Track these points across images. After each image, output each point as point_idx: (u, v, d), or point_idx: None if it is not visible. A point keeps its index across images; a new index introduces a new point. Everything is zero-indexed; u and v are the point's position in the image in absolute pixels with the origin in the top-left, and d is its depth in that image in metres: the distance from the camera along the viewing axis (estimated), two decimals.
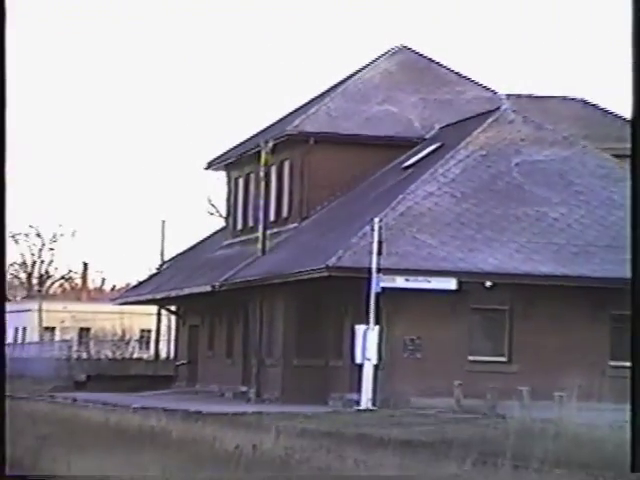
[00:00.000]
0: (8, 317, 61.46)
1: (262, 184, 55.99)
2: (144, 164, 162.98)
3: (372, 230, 44.65)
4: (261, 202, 56.13)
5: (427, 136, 52.42)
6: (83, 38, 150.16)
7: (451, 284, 45.05)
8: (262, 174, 55.77)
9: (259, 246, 54.77)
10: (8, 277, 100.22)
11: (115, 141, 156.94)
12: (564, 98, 56.77)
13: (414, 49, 57.92)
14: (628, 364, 43.97)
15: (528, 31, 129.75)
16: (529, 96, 54.64)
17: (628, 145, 48.66)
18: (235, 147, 61.61)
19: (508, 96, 53.26)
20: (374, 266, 43.93)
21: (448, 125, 52.32)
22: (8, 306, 75.27)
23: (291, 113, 58.26)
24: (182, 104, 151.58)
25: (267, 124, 60.02)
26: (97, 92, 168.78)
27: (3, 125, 7.06)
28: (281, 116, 59.55)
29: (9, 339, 75.09)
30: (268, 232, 54.93)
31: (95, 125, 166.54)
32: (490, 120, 50.48)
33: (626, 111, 49.09)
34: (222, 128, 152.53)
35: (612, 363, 45.10)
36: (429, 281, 45.19)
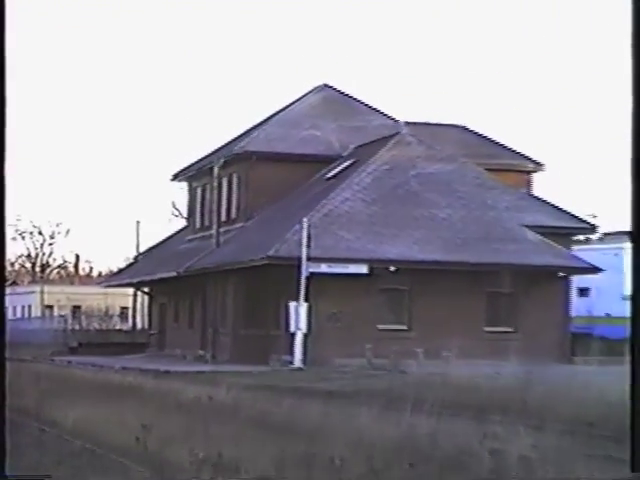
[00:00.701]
0: (17, 298, 63.64)
1: (215, 192, 56.35)
2: (122, 173, 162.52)
3: (302, 228, 44.80)
4: (215, 206, 56.32)
5: (344, 154, 52.45)
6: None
7: (363, 269, 45.31)
8: (215, 184, 56.13)
9: (213, 241, 54.96)
10: (16, 267, 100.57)
11: (100, 150, 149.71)
12: (448, 125, 57.30)
13: (334, 87, 57.86)
14: (499, 329, 46.03)
15: (423, 71, 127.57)
16: (422, 123, 54.61)
17: (497, 161, 50.96)
18: (194, 163, 61.43)
19: (406, 123, 53.23)
20: (304, 256, 44.31)
21: (360, 146, 52.16)
22: (17, 289, 76.24)
23: (237, 137, 57.90)
24: (150, 129, 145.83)
25: (219, 145, 59.58)
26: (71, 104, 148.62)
27: (3, 125, 5.97)
28: (229, 139, 59.04)
29: (18, 315, 75.18)
30: (221, 230, 55.00)
31: (85, 129, 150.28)
32: (392, 142, 50.68)
33: (496, 135, 51.19)
34: (183, 146, 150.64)
35: (486, 329, 46.16)
36: (347, 267, 45.38)
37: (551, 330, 46.58)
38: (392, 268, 45.66)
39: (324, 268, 44.99)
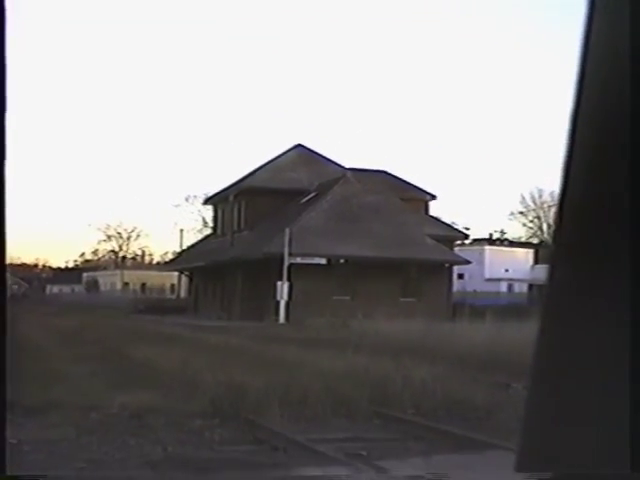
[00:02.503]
0: (107, 278, 62.73)
1: (230, 212, 55.59)
2: (168, 196, 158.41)
3: (285, 235, 44.29)
4: (229, 221, 55.60)
5: (311, 189, 51.30)
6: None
7: (323, 261, 44.79)
8: (230, 207, 55.52)
9: (228, 243, 54.01)
10: (106, 257, 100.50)
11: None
12: (376, 170, 54.68)
13: (305, 145, 56.35)
14: (409, 299, 45.56)
15: (360, 131, 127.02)
16: (359, 169, 52.49)
17: (407, 194, 50.38)
18: (217, 193, 60.11)
19: (349, 169, 52.20)
20: (286, 252, 43.95)
21: (321, 183, 50.80)
22: (106, 272, 75.18)
23: (243, 177, 55.73)
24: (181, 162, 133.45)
25: (232, 181, 57.66)
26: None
27: (3, 125, 1.64)
28: (239, 177, 56.70)
29: (108, 288, 74.85)
30: (234, 236, 53.97)
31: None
32: (341, 181, 49.90)
33: (407, 177, 50.37)
34: (209, 181, 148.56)
35: (401, 299, 45.08)
36: (313, 259, 44.71)
37: (440, 300, 46.69)
38: (342, 260, 45.10)
39: (299, 260, 44.31)
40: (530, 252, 70.07)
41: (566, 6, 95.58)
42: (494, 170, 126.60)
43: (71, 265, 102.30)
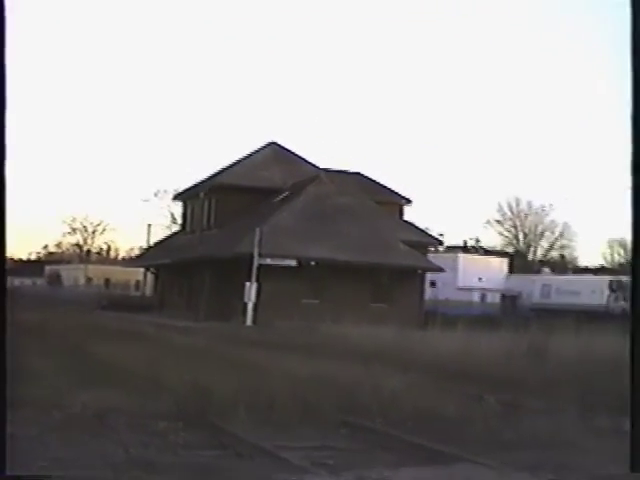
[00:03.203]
0: (69, 272, 61.68)
1: (200, 209, 55.19)
2: (136, 189, 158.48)
3: (255, 235, 43.90)
4: (199, 218, 55.18)
5: (284, 188, 50.84)
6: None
7: (294, 263, 44.48)
8: (200, 204, 55.12)
9: (197, 240, 53.38)
10: (70, 251, 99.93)
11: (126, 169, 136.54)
12: (350, 172, 55.62)
13: (278, 143, 56.06)
14: (379, 305, 45.66)
15: (334, 131, 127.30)
16: (334, 170, 53.34)
17: (381, 197, 50.56)
18: (187, 189, 60.01)
19: (324, 169, 52.56)
20: (256, 253, 43.54)
21: (294, 183, 50.59)
22: (70, 266, 74.27)
23: (215, 173, 55.66)
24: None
25: (203, 177, 57.71)
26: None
27: (3, 125, 4.38)
28: (209, 174, 56.79)
29: (71, 283, 74.22)
30: (203, 233, 53.38)
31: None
32: (315, 182, 49.78)
33: (381, 179, 50.62)
34: (180, 176, 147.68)
35: (372, 305, 45.04)
36: (283, 261, 44.37)
37: (412, 307, 46.81)
38: (312, 263, 44.91)
39: (269, 261, 44.06)
40: (505, 261, 70.46)
41: (551, 8, 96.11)
42: (471, 177, 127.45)
43: (33, 257, 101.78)
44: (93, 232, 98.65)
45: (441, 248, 63.52)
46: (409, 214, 58.52)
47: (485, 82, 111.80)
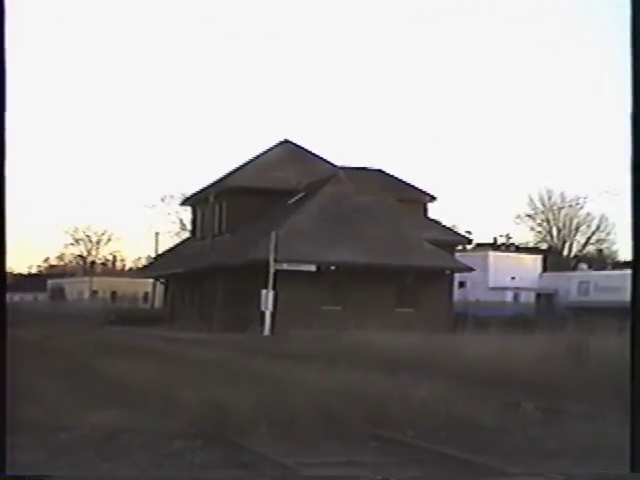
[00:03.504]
0: (73, 285, 62.11)
1: (210, 214, 55.17)
2: (143, 195, 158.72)
3: (271, 239, 44.03)
4: (210, 224, 55.15)
5: (299, 188, 51.08)
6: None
7: (313, 268, 44.56)
8: (210, 209, 55.12)
9: (209, 247, 53.43)
10: (74, 263, 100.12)
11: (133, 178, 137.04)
12: (371, 169, 55.63)
13: (292, 141, 56.15)
14: (405, 310, 45.75)
15: (354, 128, 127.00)
16: (352, 167, 53.36)
17: (403, 194, 50.62)
18: (195, 193, 60.27)
19: (341, 167, 52.70)
20: (271, 258, 43.67)
21: (310, 183, 50.82)
22: (73, 279, 74.80)
23: (225, 175, 55.97)
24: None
25: (212, 180, 57.97)
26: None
27: (3, 125, 3.96)
28: (220, 176, 56.87)
29: (74, 297, 74.37)
30: (215, 239, 53.54)
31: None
32: (332, 181, 49.97)
33: (403, 176, 50.77)
34: (187, 180, 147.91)
35: (397, 310, 45.28)
36: (301, 266, 44.42)
37: (440, 311, 46.74)
38: (332, 267, 45.10)
39: (286, 266, 44.14)
40: (538, 258, 70.17)
41: (564, 5, 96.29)
42: (499, 170, 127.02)
43: (34, 271, 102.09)
44: (97, 242, 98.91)
45: (470, 246, 63.44)
46: (434, 212, 58.61)
47: (499, 77, 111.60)
